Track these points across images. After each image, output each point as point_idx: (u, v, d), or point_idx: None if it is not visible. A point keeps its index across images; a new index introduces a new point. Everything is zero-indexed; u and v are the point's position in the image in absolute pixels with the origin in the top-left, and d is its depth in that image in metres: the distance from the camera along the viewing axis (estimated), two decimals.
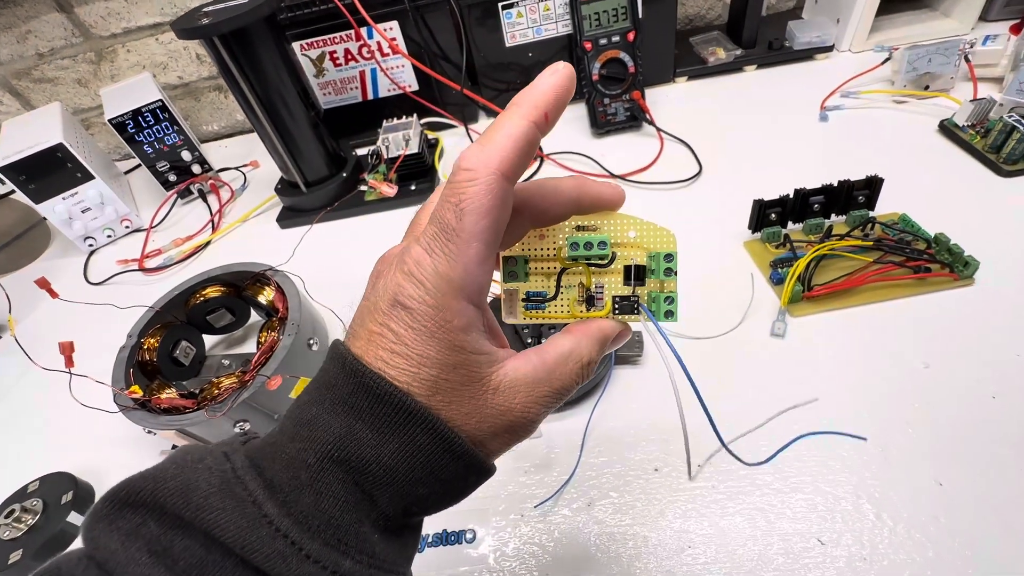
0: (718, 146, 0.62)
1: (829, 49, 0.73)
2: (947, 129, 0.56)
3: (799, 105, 0.65)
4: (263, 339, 0.45)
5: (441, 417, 0.17)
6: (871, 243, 0.44)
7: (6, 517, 0.40)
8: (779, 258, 0.46)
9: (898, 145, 0.57)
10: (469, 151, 0.17)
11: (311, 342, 0.45)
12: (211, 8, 0.55)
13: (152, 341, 0.45)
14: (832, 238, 0.46)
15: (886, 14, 0.72)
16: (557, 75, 0.18)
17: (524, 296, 0.22)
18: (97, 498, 0.43)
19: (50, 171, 0.67)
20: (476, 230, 0.17)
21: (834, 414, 0.36)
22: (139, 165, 0.76)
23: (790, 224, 0.49)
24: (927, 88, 0.61)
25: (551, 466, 0.38)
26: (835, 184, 0.47)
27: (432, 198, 0.20)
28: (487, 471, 0.19)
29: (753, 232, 0.49)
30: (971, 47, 0.61)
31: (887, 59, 0.65)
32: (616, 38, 0.65)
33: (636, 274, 0.21)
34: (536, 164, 0.67)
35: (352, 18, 0.66)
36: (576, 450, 0.38)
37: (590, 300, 0.21)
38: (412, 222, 0.21)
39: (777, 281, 0.45)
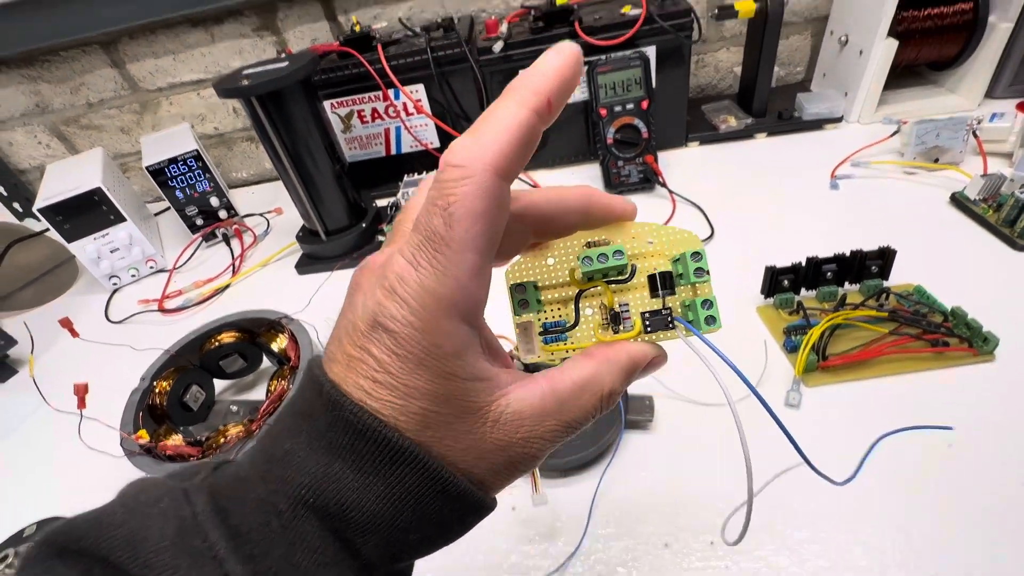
0: (730, 210, 0.63)
1: (838, 120, 0.75)
2: (959, 201, 0.56)
3: (810, 173, 0.67)
4: (273, 387, 0.45)
5: (433, 455, 0.15)
6: (886, 314, 0.44)
7: (0, 561, 0.40)
8: (792, 325, 0.46)
9: (910, 215, 0.57)
10: (459, 144, 0.15)
11: None
12: (251, 71, 0.59)
13: (164, 384, 0.46)
14: (846, 307, 0.46)
15: (893, 88, 0.74)
16: (562, 56, 0.15)
17: (541, 328, 0.19)
18: None
19: (85, 212, 0.70)
20: (468, 237, 0.14)
21: (852, 496, 0.35)
22: (168, 208, 0.79)
23: (803, 291, 0.49)
24: (936, 161, 0.63)
25: (556, 536, 0.36)
26: (847, 254, 0.47)
27: (417, 195, 0.18)
28: (487, 508, 0.17)
29: (766, 298, 0.49)
30: (979, 123, 0.62)
31: (896, 132, 0.66)
32: (631, 105, 0.68)
33: (663, 283, 0.19)
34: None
35: (381, 81, 0.70)
36: (583, 520, 0.36)
37: (616, 320, 0.19)
38: (395, 225, 0.19)
39: (791, 349, 0.45)
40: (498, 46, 0.69)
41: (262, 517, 0.15)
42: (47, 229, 0.74)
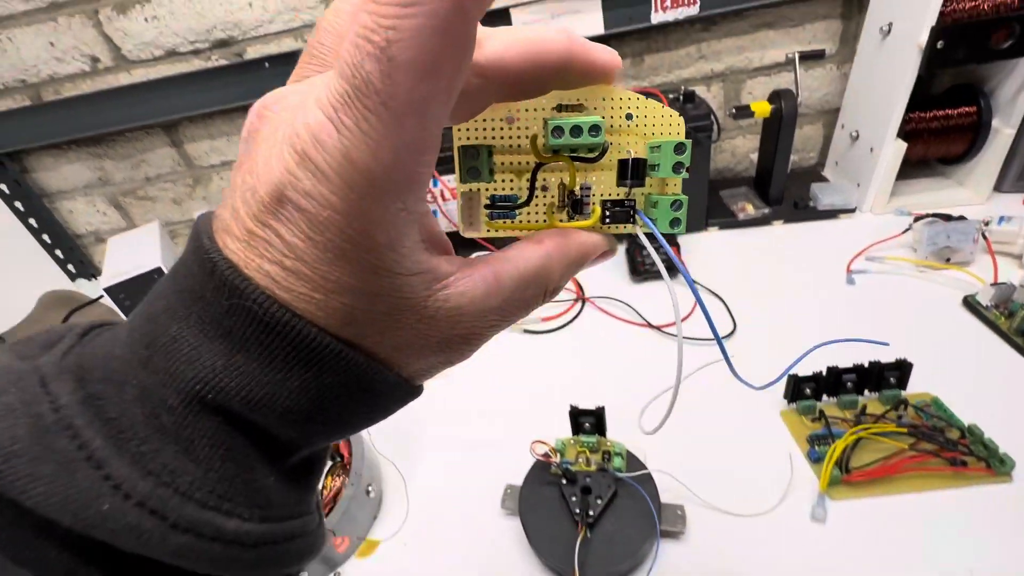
0: (751, 303, 0.67)
1: (852, 211, 0.79)
2: (971, 306, 0.59)
3: (827, 264, 0.70)
4: (328, 484, 0.48)
5: (358, 353, 0.13)
6: (906, 429, 0.46)
7: None
8: (816, 434, 0.49)
9: (924, 317, 0.60)
10: None
11: (369, 488, 0.48)
12: None
13: None
14: (866, 417, 0.48)
15: (905, 178, 0.78)
16: None
17: (488, 201, 0.17)
18: None
19: (144, 289, 0.75)
20: (415, 96, 0.11)
21: None
22: None
23: (824, 397, 0.52)
24: (948, 260, 0.66)
25: None
26: (866, 365, 0.50)
27: (327, 16, 0.14)
28: (415, 395, 0.16)
29: (789, 403, 0.52)
30: (987, 226, 0.65)
31: (908, 228, 0.70)
32: None
33: (635, 171, 0.17)
34: (579, 306, 0.73)
35: None
36: None
37: (575, 205, 0.17)
38: (313, 37, 0.15)
39: (815, 459, 0.47)
40: None
41: (148, 409, 0.12)
42: (101, 296, 0.80)
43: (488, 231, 0.18)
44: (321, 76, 0.14)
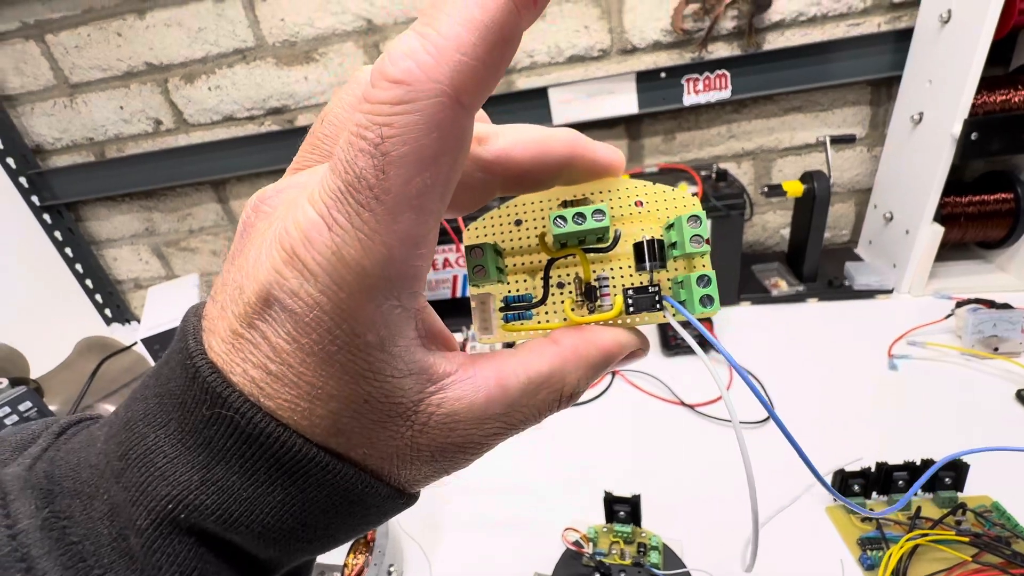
0: (787, 385, 0.65)
1: (889, 291, 0.77)
2: None
3: (865, 347, 0.68)
4: (350, 563, 0.46)
5: (346, 464, 0.12)
6: (967, 538, 0.43)
7: None
8: (867, 536, 0.46)
9: (976, 410, 0.57)
10: (403, 47, 0.10)
11: (391, 569, 0.46)
12: None
13: None
14: (921, 520, 0.45)
15: (942, 260, 0.77)
16: None
17: (502, 303, 0.16)
18: None
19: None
20: (410, 191, 0.11)
21: None
22: None
23: (874, 495, 0.49)
24: (996, 350, 0.63)
25: None
26: (918, 463, 0.47)
27: (344, 91, 0.14)
28: (410, 503, 0.15)
29: (836, 499, 0.49)
30: None
31: (951, 314, 0.68)
32: None
33: (652, 253, 0.16)
34: (608, 381, 0.71)
35: (456, 238, 0.77)
36: None
37: (591, 296, 0.16)
38: (310, 133, 0.15)
39: (868, 567, 0.44)
40: None
41: (115, 529, 0.11)
42: (135, 344, 0.81)
43: (505, 335, 0.17)
44: (316, 171, 0.14)
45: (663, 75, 0.79)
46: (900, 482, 0.47)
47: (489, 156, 0.14)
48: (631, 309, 0.16)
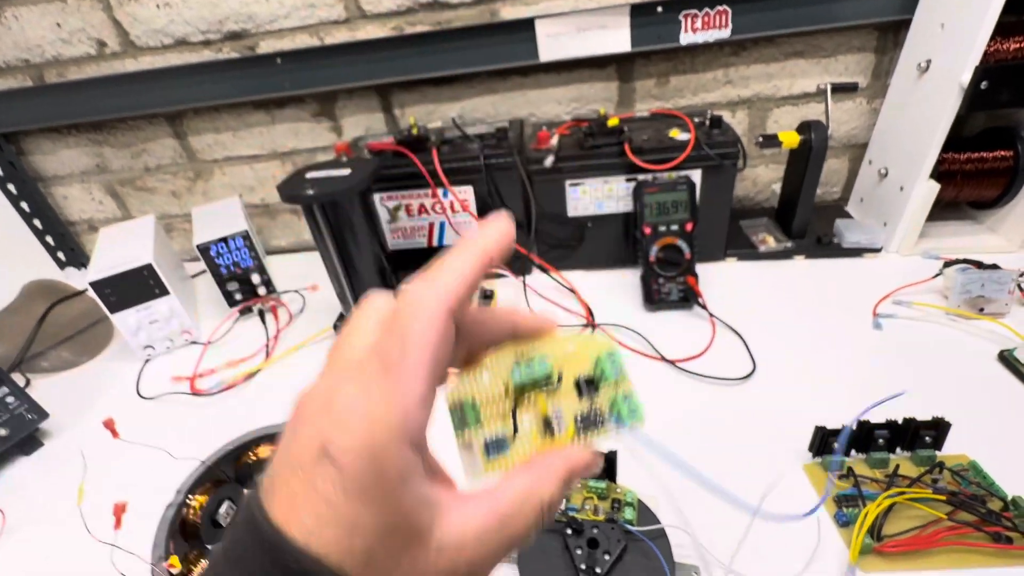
0: (771, 342, 0.63)
1: (877, 250, 0.76)
2: (1008, 361, 0.56)
3: (851, 305, 0.67)
4: None
5: None
6: (944, 497, 0.42)
7: None
8: (844, 494, 0.45)
9: (958, 370, 0.56)
10: (415, 285, 0.17)
11: None
12: (315, 175, 0.61)
13: (200, 499, 0.45)
14: (899, 479, 0.45)
15: (933, 221, 0.75)
16: (502, 226, 0.19)
17: (483, 445, 0.20)
18: None
19: (132, 286, 0.72)
20: (419, 364, 0.16)
21: None
22: (205, 271, 0.79)
23: (853, 452, 0.48)
24: (982, 310, 0.62)
25: None
26: (900, 421, 0.46)
27: (349, 331, 0.18)
28: None
29: (814, 456, 0.48)
30: (1022, 276, 0.62)
31: (939, 274, 0.67)
32: (675, 227, 0.69)
33: (588, 385, 0.20)
34: (588, 332, 0.69)
35: (432, 181, 0.72)
36: None
37: (549, 428, 0.20)
38: (331, 355, 0.18)
39: (843, 523, 0.43)
40: (549, 160, 0.71)
41: None
42: (86, 289, 0.76)
43: (489, 471, 0.20)
44: (341, 370, 0.17)
45: (660, 9, 0.73)
46: (880, 440, 0.46)
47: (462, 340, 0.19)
48: (581, 430, 0.20)
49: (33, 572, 0.49)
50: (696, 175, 0.71)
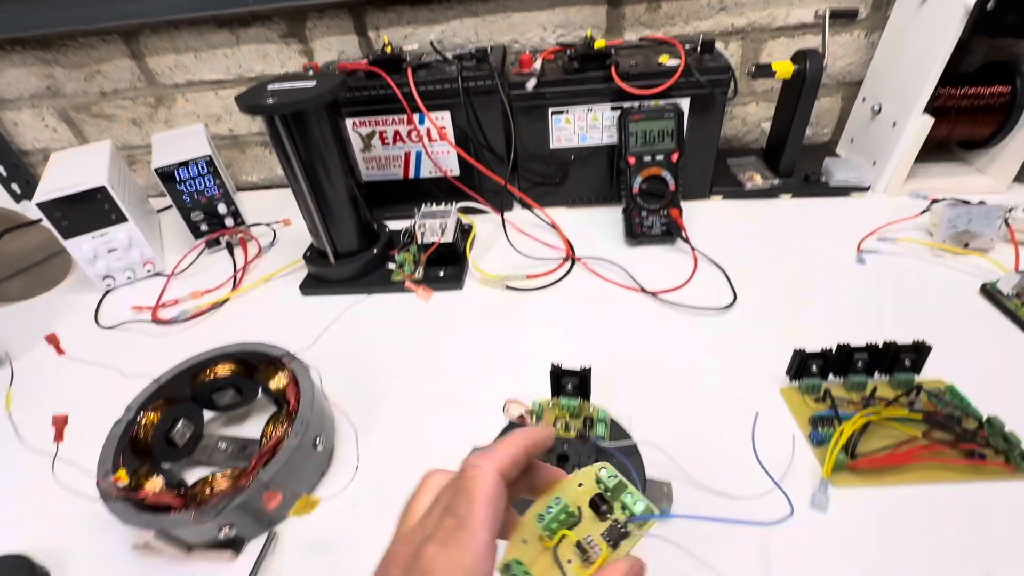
0: (753, 275, 0.61)
1: (865, 189, 0.74)
2: (990, 293, 0.55)
3: (835, 242, 0.65)
4: (268, 433, 0.42)
5: None
6: (920, 415, 0.42)
7: None
8: (820, 415, 0.44)
9: (940, 302, 0.56)
10: (475, 457, 0.22)
11: (317, 441, 0.42)
12: (277, 86, 0.56)
13: (151, 417, 0.43)
14: (876, 401, 0.44)
15: (922, 162, 0.73)
16: (546, 430, 0.25)
17: None
18: None
19: (86, 210, 0.67)
20: (483, 517, 0.20)
21: None
22: (171, 206, 0.75)
23: (831, 376, 0.47)
24: (966, 246, 0.61)
25: None
26: (880, 345, 0.45)
27: (415, 500, 0.23)
28: None
29: (791, 380, 0.47)
30: (1010, 212, 0.61)
31: (926, 210, 0.65)
32: (660, 157, 0.66)
33: (602, 502, 0.23)
34: (568, 265, 0.67)
35: (408, 105, 0.68)
36: None
37: (587, 556, 0.22)
38: (402, 522, 0.23)
39: (818, 442, 0.42)
40: (531, 83, 0.67)
41: None
42: (40, 220, 0.71)
43: None
44: (413, 529, 0.22)
45: None
46: (859, 363, 0.45)
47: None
48: (612, 544, 0.22)
49: None
50: (685, 104, 0.68)
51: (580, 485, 0.24)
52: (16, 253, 0.79)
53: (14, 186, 0.96)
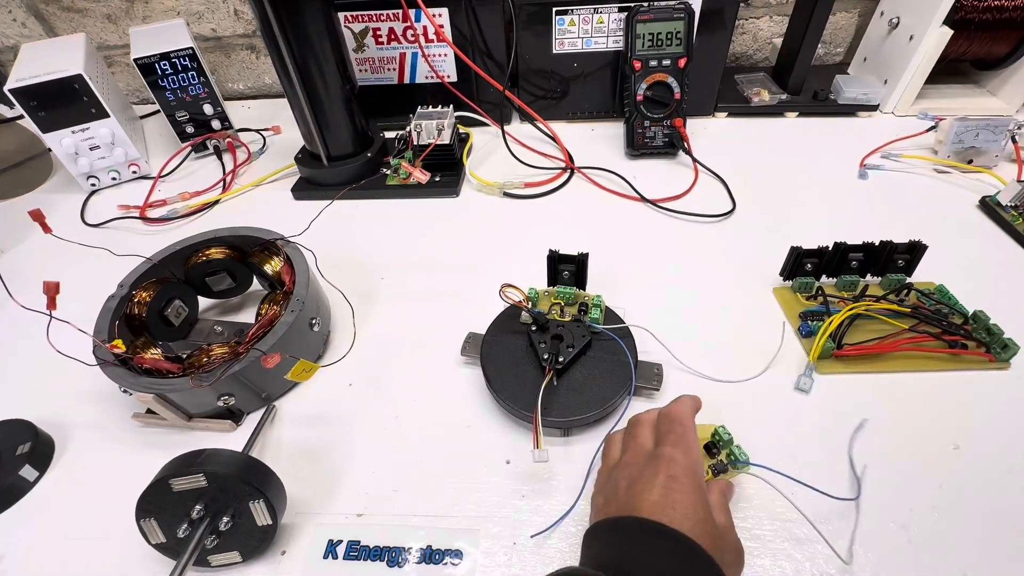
0: (753, 187, 0.61)
1: (873, 108, 0.72)
2: (988, 206, 0.55)
3: (838, 159, 0.64)
4: (264, 311, 0.42)
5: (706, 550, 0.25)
6: (908, 309, 0.43)
7: None
8: (810, 310, 0.45)
9: (937, 214, 0.56)
10: (672, 405, 0.33)
11: (313, 322, 0.42)
12: None
13: (144, 295, 0.43)
14: (866, 299, 0.45)
15: (933, 83, 0.71)
16: (700, 401, 0.34)
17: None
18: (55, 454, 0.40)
19: (64, 102, 0.64)
20: (695, 434, 0.31)
21: (853, 487, 0.34)
22: (157, 111, 0.73)
23: (824, 277, 0.47)
24: (970, 162, 0.61)
25: (551, 494, 0.35)
26: (876, 244, 0.45)
27: (637, 426, 0.33)
28: None
29: (785, 280, 0.48)
30: (1019, 128, 0.60)
31: (932, 127, 0.64)
32: (667, 62, 0.63)
33: (712, 448, 0.34)
34: (567, 175, 0.65)
35: (405, 4, 0.64)
36: (580, 480, 0.35)
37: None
38: (608, 453, 0.34)
39: (806, 334, 0.43)
40: None
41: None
42: (21, 116, 0.68)
43: None
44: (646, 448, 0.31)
45: None
46: (854, 263, 0.46)
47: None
48: (715, 474, 0.33)
49: None
50: (696, 3, 0.64)
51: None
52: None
53: None
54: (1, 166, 0.75)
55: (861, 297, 0.45)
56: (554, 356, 0.38)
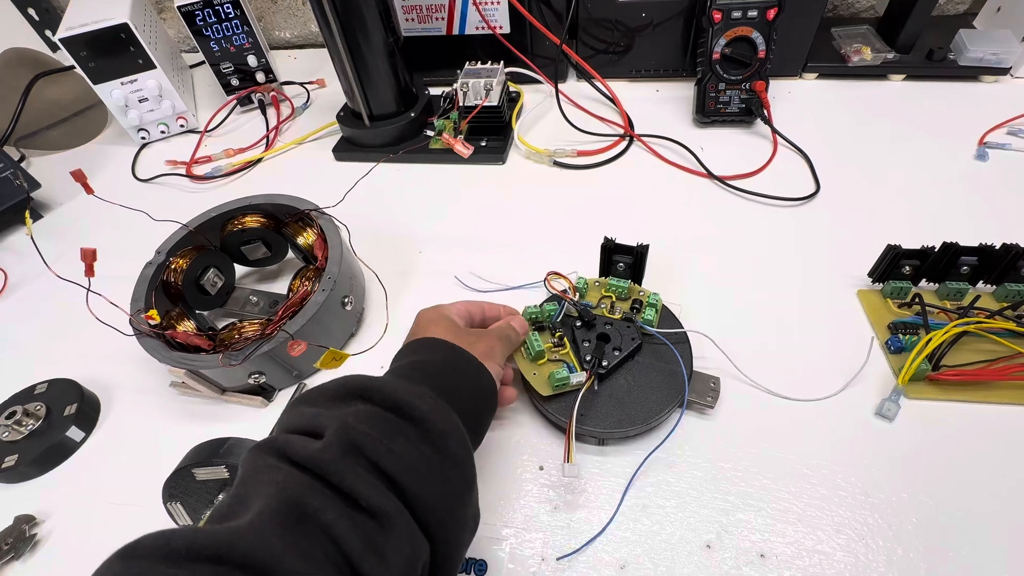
0: (843, 165, 0.53)
1: (1003, 72, 0.60)
2: None
3: (952, 134, 0.55)
4: (295, 287, 0.40)
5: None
6: None
7: (7, 418, 0.38)
8: (902, 321, 0.39)
9: None
10: (514, 322, 0.37)
11: (346, 300, 0.41)
12: None
13: (181, 262, 0.42)
14: (975, 312, 0.38)
15: None
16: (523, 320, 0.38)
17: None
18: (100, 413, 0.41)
19: (112, 52, 0.63)
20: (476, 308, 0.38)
21: (939, 543, 0.30)
22: (203, 62, 0.71)
23: (923, 282, 0.41)
24: None
25: (582, 507, 0.33)
26: (996, 246, 0.38)
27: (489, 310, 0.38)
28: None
29: (874, 282, 0.41)
30: None
31: None
32: (753, 12, 0.55)
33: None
34: (624, 143, 0.59)
35: None
36: (615, 499, 0.32)
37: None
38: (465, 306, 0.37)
39: (895, 350, 0.37)
40: None
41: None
42: (73, 67, 0.68)
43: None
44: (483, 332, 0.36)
45: None
46: (964, 268, 0.39)
47: None
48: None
49: (33, 321, 0.50)
50: None
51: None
52: (55, 101, 0.76)
53: (48, 32, 0.92)
54: (60, 116, 0.77)
55: (969, 310, 0.38)
56: (597, 359, 0.34)
